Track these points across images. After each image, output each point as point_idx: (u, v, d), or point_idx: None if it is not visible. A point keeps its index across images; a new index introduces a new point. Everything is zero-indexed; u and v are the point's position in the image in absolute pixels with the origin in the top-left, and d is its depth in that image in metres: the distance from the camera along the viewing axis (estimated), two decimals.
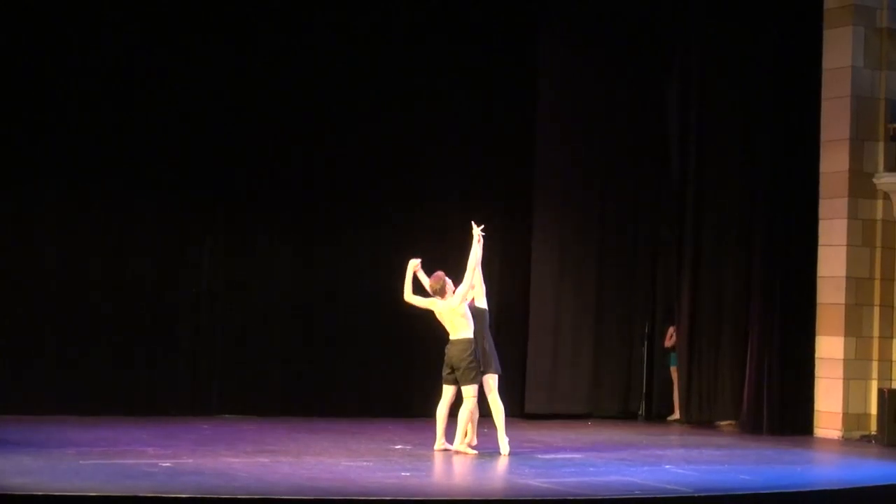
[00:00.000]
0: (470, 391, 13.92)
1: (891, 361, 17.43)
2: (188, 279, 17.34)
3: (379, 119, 18.15)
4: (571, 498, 11.30)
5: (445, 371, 14.04)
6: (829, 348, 17.39)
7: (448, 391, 14.07)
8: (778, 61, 17.81)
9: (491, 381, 14.18)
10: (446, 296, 14.03)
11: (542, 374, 18.78)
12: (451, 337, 14.01)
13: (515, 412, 18.04)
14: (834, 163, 17.43)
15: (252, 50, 17.61)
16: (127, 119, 17.01)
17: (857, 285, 17.34)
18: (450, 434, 14.12)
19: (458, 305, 13.93)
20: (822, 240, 17.56)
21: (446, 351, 14.00)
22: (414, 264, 14.29)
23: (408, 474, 12.51)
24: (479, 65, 18.54)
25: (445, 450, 14.02)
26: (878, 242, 17.41)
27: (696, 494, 11.76)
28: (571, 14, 19.03)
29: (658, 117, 19.15)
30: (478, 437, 14.26)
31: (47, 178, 16.72)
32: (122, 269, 17.04)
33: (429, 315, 14.48)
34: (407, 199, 18.29)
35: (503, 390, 14.45)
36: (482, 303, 14.36)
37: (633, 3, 19.15)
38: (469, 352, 13.89)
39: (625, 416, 19.09)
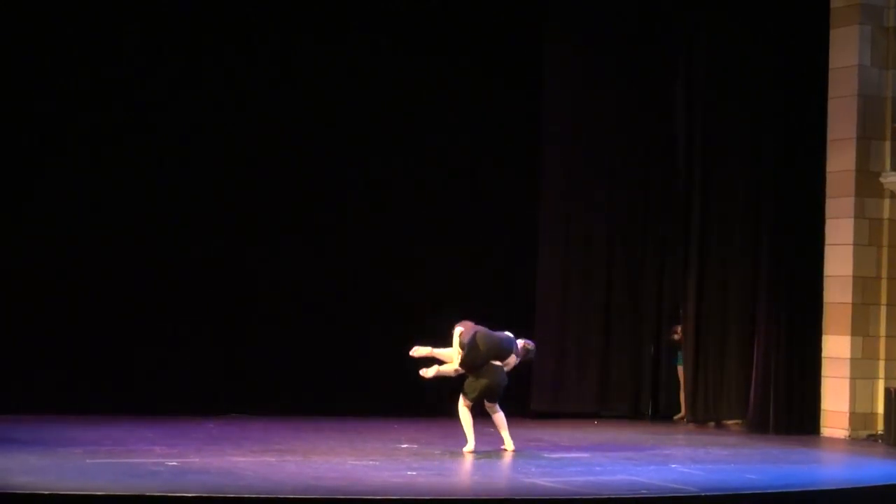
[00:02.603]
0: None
1: None
2: (195, 278, 17.36)
3: (385, 118, 18.18)
4: (578, 497, 11.31)
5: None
6: (836, 347, 17.37)
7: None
8: (784, 60, 17.79)
9: None
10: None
11: (548, 373, 18.77)
12: None
13: (522, 411, 18.08)
14: (840, 162, 17.41)
15: (258, 53, 17.70)
16: (134, 116, 17.10)
17: (863, 284, 17.32)
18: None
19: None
20: (828, 239, 17.55)
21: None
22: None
23: (414, 473, 12.52)
24: (484, 67, 18.53)
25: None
26: (885, 241, 17.39)
27: (702, 494, 11.76)
28: (576, 17, 19.02)
29: (664, 117, 19.14)
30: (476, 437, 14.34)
31: (51, 178, 16.78)
32: (129, 268, 17.07)
33: (435, 315, 14.54)
34: (414, 196, 18.31)
35: (510, 388, 14.49)
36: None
37: (637, 4, 19.15)
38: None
39: (632, 415, 19.09)
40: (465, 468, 13.34)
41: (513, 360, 14.39)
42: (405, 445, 14.54)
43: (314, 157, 17.93)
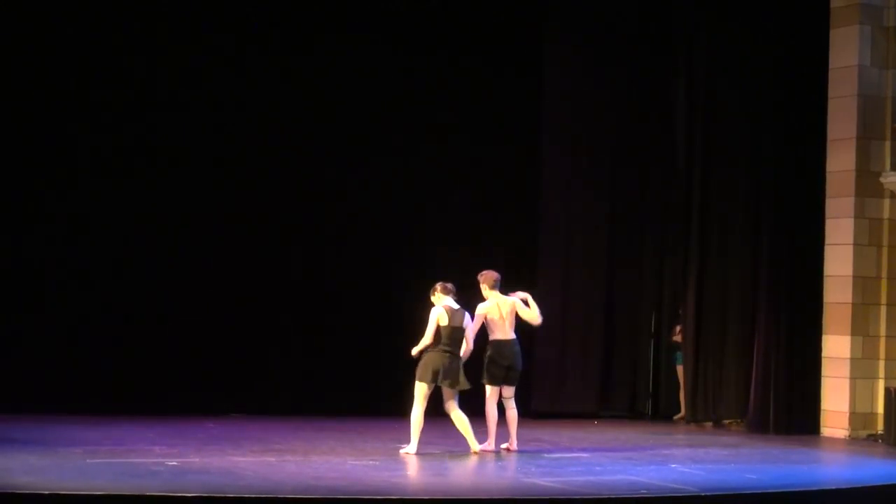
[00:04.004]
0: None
1: None
2: (195, 278, 17.36)
3: (385, 118, 18.22)
4: (578, 497, 11.31)
5: (501, 372, 14.42)
6: (836, 347, 17.37)
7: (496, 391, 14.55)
8: (784, 60, 17.80)
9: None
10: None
11: (549, 374, 18.78)
12: (508, 337, 14.44)
13: (522, 411, 18.08)
14: (840, 162, 17.42)
15: (258, 53, 17.75)
16: (133, 117, 17.18)
17: (863, 284, 17.32)
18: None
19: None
20: (828, 239, 17.55)
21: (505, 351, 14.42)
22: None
23: (414, 473, 12.51)
24: (484, 68, 18.55)
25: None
26: (885, 241, 17.39)
27: (702, 494, 11.76)
28: (576, 17, 19.04)
29: (664, 117, 19.15)
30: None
31: (51, 179, 16.82)
32: (129, 268, 17.10)
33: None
34: (414, 196, 18.33)
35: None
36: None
37: (637, 4, 19.15)
38: None
39: (632, 415, 19.10)
40: (465, 468, 13.34)
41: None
42: (405, 445, 14.53)
43: (314, 157, 17.95)
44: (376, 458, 13.31)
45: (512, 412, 14.50)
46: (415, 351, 14.09)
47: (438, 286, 14.26)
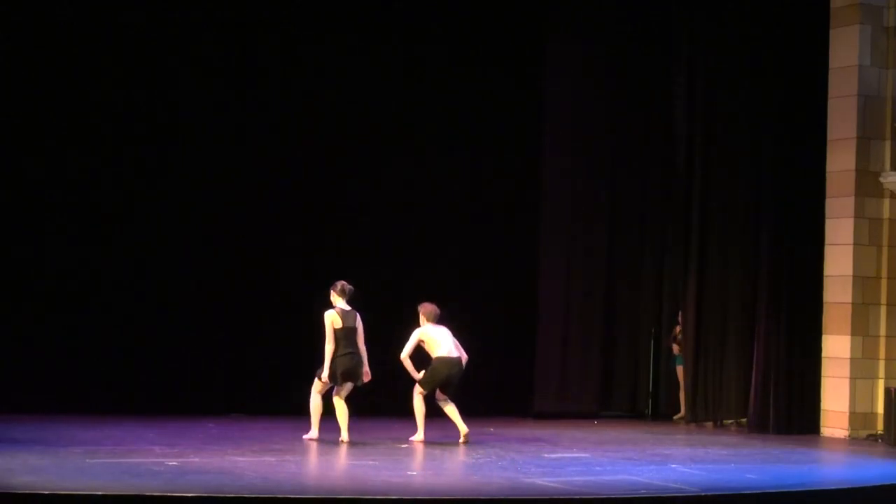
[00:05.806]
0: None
1: None
2: (195, 279, 17.37)
3: (384, 123, 18.22)
4: (578, 497, 11.31)
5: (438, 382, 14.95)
6: (836, 347, 17.37)
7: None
8: (784, 60, 17.79)
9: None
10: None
11: (549, 374, 18.78)
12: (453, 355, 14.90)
13: (524, 411, 18.13)
14: (840, 162, 17.41)
15: (259, 54, 17.75)
16: (132, 119, 17.19)
17: (863, 284, 17.32)
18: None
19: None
20: (828, 239, 17.55)
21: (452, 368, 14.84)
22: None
23: (414, 473, 12.51)
24: (485, 69, 18.55)
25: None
26: (885, 241, 17.39)
27: (702, 493, 11.76)
28: (576, 17, 19.04)
29: (664, 117, 19.14)
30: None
31: (51, 178, 16.81)
32: (128, 268, 17.10)
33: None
34: (414, 196, 18.33)
35: (512, 389, 14.57)
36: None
37: (638, 4, 19.14)
38: None
39: (632, 415, 19.11)
40: (465, 468, 13.34)
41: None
42: (405, 445, 14.54)
43: (313, 158, 17.94)
44: (376, 458, 13.31)
45: (451, 406, 14.95)
46: (325, 374, 14.60)
47: (338, 285, 14.78)
